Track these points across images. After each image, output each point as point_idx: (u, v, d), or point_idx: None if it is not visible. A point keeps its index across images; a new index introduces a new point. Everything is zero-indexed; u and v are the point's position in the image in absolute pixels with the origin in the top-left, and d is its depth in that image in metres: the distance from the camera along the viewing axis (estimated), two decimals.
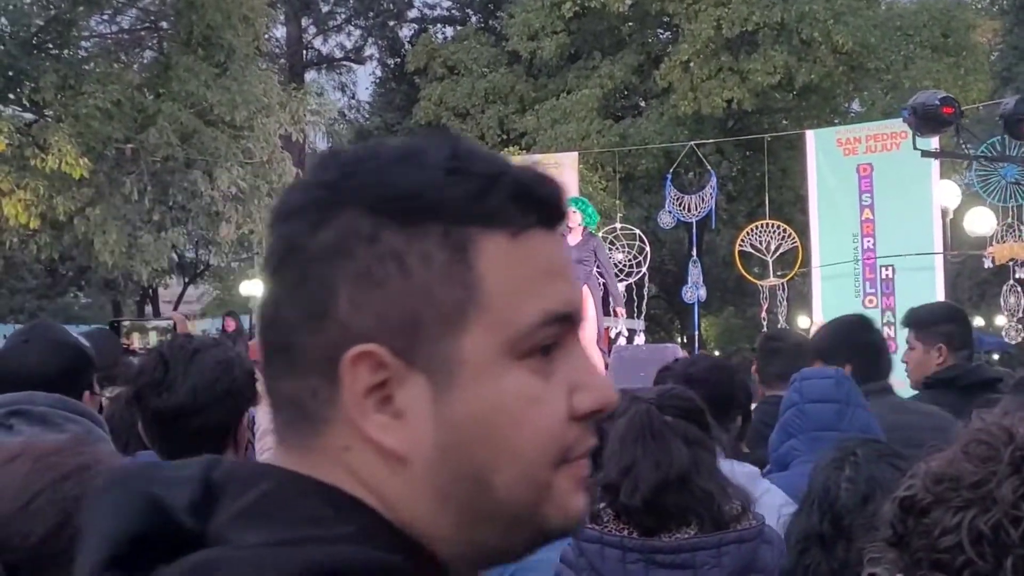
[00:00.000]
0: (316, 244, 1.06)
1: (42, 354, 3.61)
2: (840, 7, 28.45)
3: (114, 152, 22.57)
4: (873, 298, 14.97)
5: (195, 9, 23.89)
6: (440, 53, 33.84)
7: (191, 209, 24.10)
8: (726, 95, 28.58)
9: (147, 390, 3.01)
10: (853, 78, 30.54)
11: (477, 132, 30.95)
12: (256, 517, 1.02)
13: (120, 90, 22.61)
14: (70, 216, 22.75)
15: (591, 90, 30.21)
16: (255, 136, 24.16)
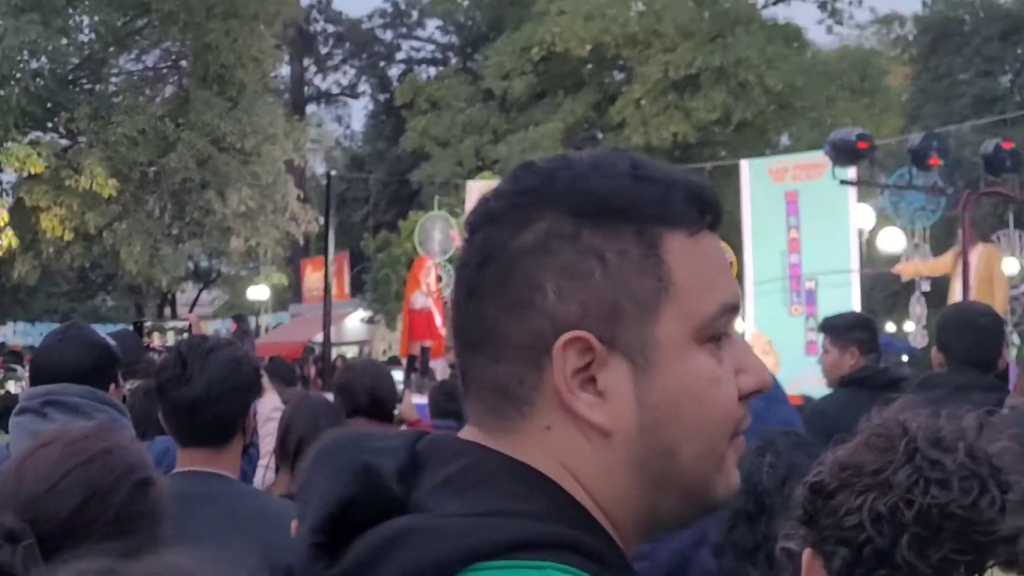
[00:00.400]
0: (519, 244, 1.05)
1: (75, 352, 3.60)
2: (771, 54, 28.56)
3: (139, 174, 22.47)
4: (798, 307, 15.02)
5: (211, 50, 23.82)
6: (424, 90, 33.76)
7: (205, 225, 23.99)
8: (672, 129, 28.67)
9: (167, 384, 3.01)
10: (783, 116, 30.61)
11: (456, 159, 30.87)
12: (455, 489, 1.02)
13: (145, 120, 22.53)
14: (100, 230, 22.63)
15: (555, 124, 30.20)
16: (262, 161, 24.05)
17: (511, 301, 1.05)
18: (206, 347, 3.05)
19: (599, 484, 1.05)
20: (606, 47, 29.40)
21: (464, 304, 1.10)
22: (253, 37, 24.29)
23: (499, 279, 1.06)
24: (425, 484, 1.03)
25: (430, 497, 1.01)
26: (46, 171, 21.59)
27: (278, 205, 24.84)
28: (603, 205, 1.05)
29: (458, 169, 30.00)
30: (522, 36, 30.42)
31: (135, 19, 24.46)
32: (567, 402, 1.04)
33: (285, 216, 25.19)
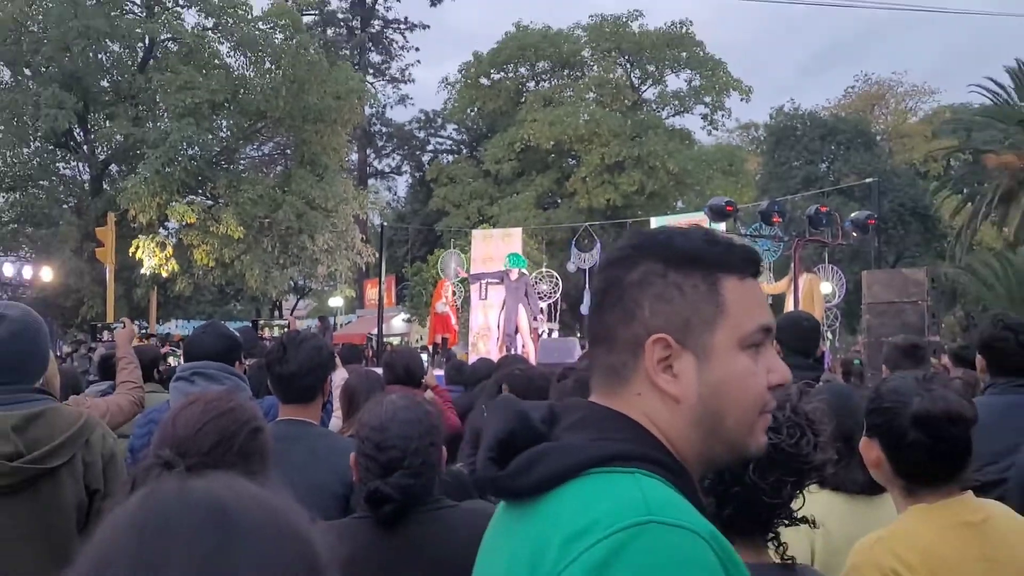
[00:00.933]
0: (629, 278, 1.11)
1: (213, 340, 3.59)
2: (671, 148, 28.70)
3: (258, 224, 22.47)
4: None
5: (306, 144, 23.90)
6: (445, 170, 33.80)
7: (301, 257, 23.98)
8: (606, 197, 28.71)
9: (273, 362, 3.00)
10: (679, 188, 30.68)
11: (466, 215, 30.86)
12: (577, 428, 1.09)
13: (262, 188, 22.55)
14: (232, 260, 22.62)
15: (530, 193, 30.22)
16: (339, 216, 24.08)
17: (623, 314, 1.11)
18: (299, 338, 3.05)
19: (671, 431, 1.09)
20: (564, 143, 29.48)
21: (594, 315, 1.16)
22: (334, 135, 24.40)
23: (615, 300, 1.12)
24: (559, 426, 1.11)
25: (562, 433, 1.09)
26: (197, 221, 21.59)
27: (348, 245, 24.85)
28: (684, 257, 1.11)
29: (467, 222, 30.02)
30: (508, 135, 30.49)
31: (256, 122, 24.48)
32: (653, 379, 1.09)
33: (353, 252, 25.18)
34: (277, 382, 3.02)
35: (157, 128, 22.11)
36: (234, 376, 3.51)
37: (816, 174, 35.84)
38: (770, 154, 38.83)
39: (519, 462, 1.06)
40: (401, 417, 2.17)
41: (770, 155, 38.81)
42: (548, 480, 1.03)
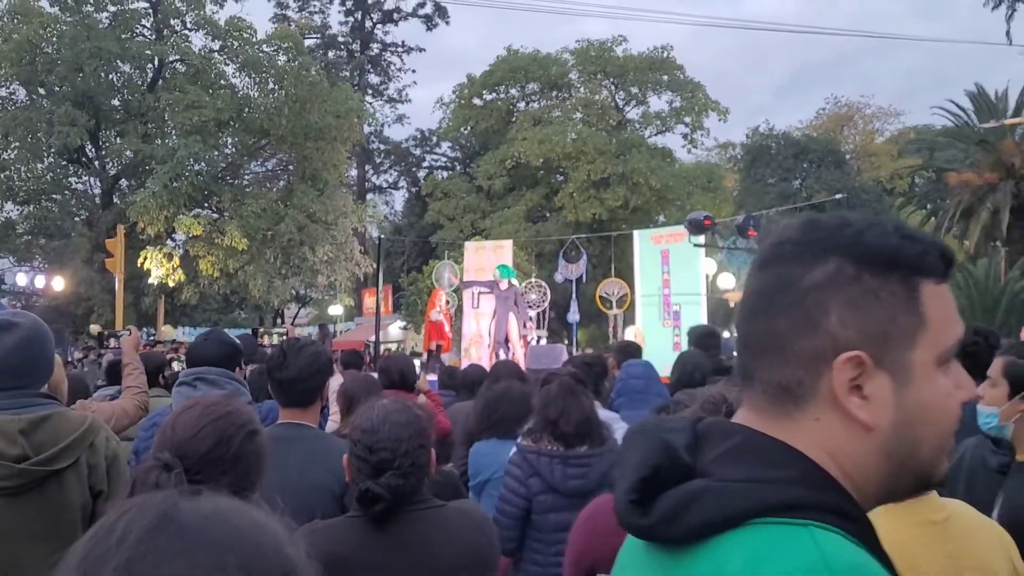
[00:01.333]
0: (810, 279, 0.91)
1: (214, 346, 3.58)
2: (653, 165, 28.74)
3: (261, 236, 22.43)
4: (668, 321, 15.00)
5: (307, 160, 23.91)
6: (440, 185, 33.79)
7: (302, 268, 23.96)
8: (592, 211, 28.75)
9: (274, 368, 2.98)
10: (661, 204, 30.73)
11: (459, 228, 30.84)
12: (732, 459, 0.90)
13: (265, 202, 22.51)
14: (236, 270, 22.58)
15: (520, 207, 30.27)
16: (338, 229, 24.10)
17: (801, 322, 0.91)
18: (298, 345, 3.02)
19: (854, 465, 0.91)
20: (552, 160, 29.50)
21: (752, 320, 0.95)
22: (334, 152, 24.38)
23: (790, 304, 0.92)
24: (707, 455, 0.91)
25: (713, 465, 0.90)
26: (203, 233, 21.52)
27: (348, 256, 24.83)
28: (879, 255, 0.91)
29: (460, 235, 30.00)
30: (500, 152, 30.51)
31: (259, 140, 24.46)
32: (842, 403, 0.90)
33: (352, 263, 25.14)
34: (277, 387, 3.00)
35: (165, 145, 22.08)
36: (234, 381, 3.49)
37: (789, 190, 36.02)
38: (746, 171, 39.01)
39: (668, 506, 0.87)
40: (392, 420, 2.16)
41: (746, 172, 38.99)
42: (704, 528, 0.85)
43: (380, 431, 2.14)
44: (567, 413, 3.17)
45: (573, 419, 3.15)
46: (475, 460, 3.98)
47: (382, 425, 2.15)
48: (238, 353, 3.68)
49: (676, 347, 14.19)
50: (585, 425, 3.17)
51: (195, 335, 24.47)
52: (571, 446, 3.18)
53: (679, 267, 14.86)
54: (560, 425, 3.18)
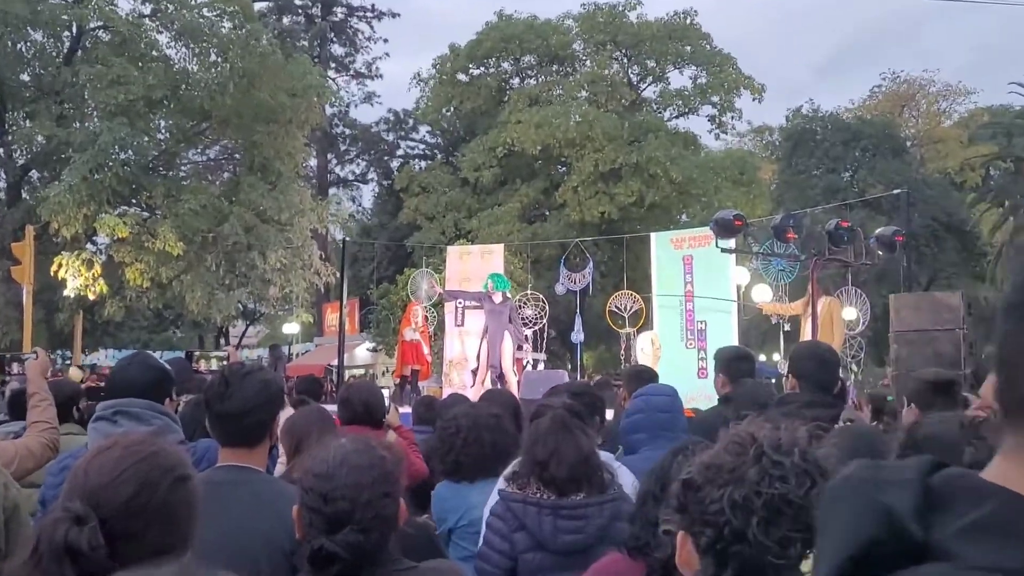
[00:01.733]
0: None
1: (139, 373, 3.57)
2: (674, 154, 28.84)
3: (200, 239, 22.36)
4: (692, 342, 15.02)
5: (256, 146, 23.85)
6: (417, 178, 33.86)
7: (250, 277, 23.87)
8: (600, 209, 28.85)
9: (213, 399, 2.95)
10: (682, 200, 30.84)
11: (440, 229, 30.91)
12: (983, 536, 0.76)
13: (205, 198, 22.46)
14: (170, 280, 22.53)
15: (513, 204, 30.35)
16: (294, 230, 24.03)
17: None
18: (244, 371, 3.01)
19: None
20: (552, 147, 29.58)
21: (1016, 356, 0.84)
22: (288, 137, 24.36)
23: None
24: (947, 526, 0.78)
25: (955, 542, 0.77)
26: (130, 235, 21.44)
27: (305, 263, 24.80)
28: None
29: (441, 237, 30.01)
30: (490, 139, 30.60)
31: (199, 123, 24.44)
32: None
33: (310, 271, 25.11)
34: (217, 422, 2.97)
35: (85, 129, 22.00)
36: (163, 415, 3.48)
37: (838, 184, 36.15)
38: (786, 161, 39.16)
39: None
40: (351, 463, 2.15)
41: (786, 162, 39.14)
42: None
43: (336, 476, 2.13)
44: (559, 453, 3.15)
45: (567, 460, 3.13)
46: (436, 505, 3.99)
47: (339, 469, 2.14)
48: (168, 381, 3.67)
49: (702, 373, 14.22)
50: (581, 468, 3.15)
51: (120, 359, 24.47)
52: (564, 493, 3.16)
53: (705, 276, 14.88)
54: (551, 468, 3.16)
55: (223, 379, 2.97)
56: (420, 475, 5.32)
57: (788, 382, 4.53)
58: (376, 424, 4.92)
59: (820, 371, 4.31)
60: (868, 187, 35.10)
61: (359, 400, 4.94)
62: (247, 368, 3.05)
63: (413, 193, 33.17)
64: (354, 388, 5.20)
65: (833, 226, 10.80)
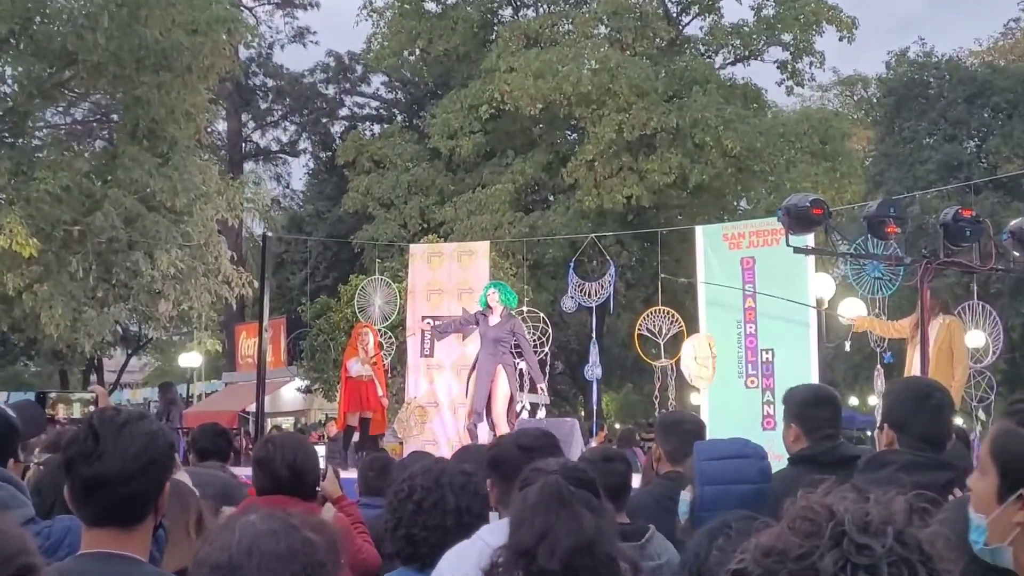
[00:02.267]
0: None
1: None
2: (729, 115, 28.81)
3: (62, 233, 22.30)
4: (754, 379, 14.99)
5: (141, 104, 23.77)
6: (368, 148, 33.85)
7: (132, 287, 23.83)
8: (626, 192, 28.82)
9: (77, 459, 2.93)
10: (741, 179, 30.86)
11: (400, 220, 30.93)
12: None
13: (69, 176, 22.38)
14: (19, 292, 22.43)
15: (504, 185, 30.33)
16: (193, 221, 23.99)
17: None
18: (120, 420, 2.98)
19: None
20: (557, 106, 29.59)
21: None
22: (186, 91, 24.25)
23: None
24: None
25: None
26: None
27: (210, 267, 24.74)
28: None
29: (402, 231, 30.02)
30: (470, 93, 30.61)
31: (61, 71, 24.36)
32: None
33: (218, 279, 25.06)
34: (83, 492, 2.96)
35: None
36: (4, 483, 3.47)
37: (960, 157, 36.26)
38: (887, 125, 39.24)
39: None
40: (264, 550, 2.14)
41: (887, 127, 39.23)
42: None
43: (244, 569, 2.12)
44: (552, 538, 3.13)
45: (562, 548, 3.12)
46: None
47: (247, 559, 2.13)
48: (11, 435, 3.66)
49: (768, 423, 14.22)
50: (582, 557, 3.13)
51: None
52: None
53: (771, 286, 14.88)
54: (539, 559, 3.14)
55: (91, 431, 2.96)
56: (370, 566, 5.32)
57: (882, 436, 4.54)
58: (307, 495, 4.92)
59: (927, 419, 4.30)
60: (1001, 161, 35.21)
61: (283, 461, 4.94)
62: (124, 416, 3.03)
63: (362, 170, 33.16)
64: (276, 445, 5.18)
65: (951, 216, 10.79)
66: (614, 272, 19.25)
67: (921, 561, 1.62)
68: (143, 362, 48.88)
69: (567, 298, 19.24)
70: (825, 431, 5.32)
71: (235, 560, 2.13)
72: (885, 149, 38.70)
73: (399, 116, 39.49)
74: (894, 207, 10.79)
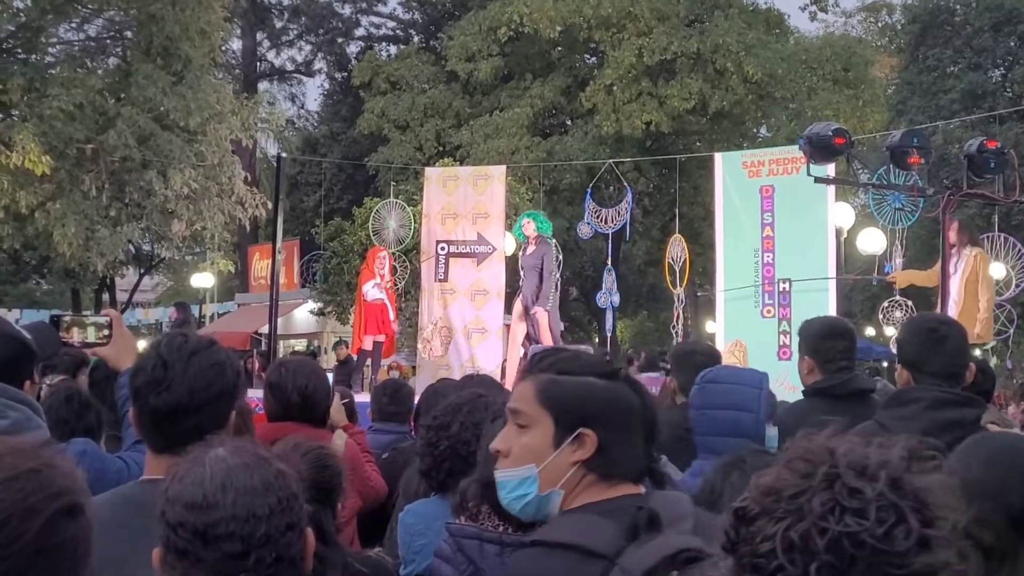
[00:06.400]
0: None
1: None
2: (751, 40, 28.70)
3: (75, 151, 22.33)
4: (771, 308, 15.00)
5: (155, 21, 23.71)
6: (384, 69, 33.78)
7: (146, 206, 23.88)
8: (645, 118, 28.77)
9: (145, 388, 2.93)
10: (761, 106, 30.78)
11: (416, 143, 30.90)
12: None
13: (83, 94, 22.38)
14: (32, 210, 22.51)
15: (522, 109, 30.28)
16: (207, 140, 23.99)
17: None
18: (189, 349, 2.97)
19: None
20: (577, 29, 29.47)
21: None
22: (201, 8, 24.19)
23: None
24: None
25: None
26: None
27: (224, 188, 24.77)
28: None
29: (417, 154, 29.98)
30: (489, 15, 30.44)
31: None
32: None
33: (232, 199, 25.10)
34: (151, 421, 2.96)
35: None
36: (22, 403, 3.47)
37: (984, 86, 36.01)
38: (911, 53, 38.97)
39: None
40: (238, 485, 2.12)
41: (911, 54, 38.95)
42: None
43: (218, 506, 2.09)
44: None
45: None
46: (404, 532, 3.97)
47: (221, 495, 2.10)
48: (27, 356, 3.66)
49: (783, 353, 14.23)
50: None
51: None
52: (527, 525, 3.14)
53: (791, 215, 14.84)
54: None
55: (159, 360, 2.95)
56: (379, 494, 5.33)
57: (900, 374, 4.53)
58: (317, 422, 4.92)
59: (938, 356, 4.30)
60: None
61: (295, 387, 4.93)
62: (192, 345, 3.02)
63: (378, 91, 33.09)
64: (288, 370, 5.17)
65: (975, 147, 10.71)
66: (631, 199, 19.19)
67: (914, 508, 1.60)
68: (155, 281, 49.06)
69: (583, 224, 19.24)
70: (839, 363, 5.33)
71: (210, 497, 2.11)
72: (908, 77, 38.48)
73: (416, 37, 39.32)
74: (917, 137, 10.72)
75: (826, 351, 5.32)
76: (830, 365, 5.21)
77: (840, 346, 5.38)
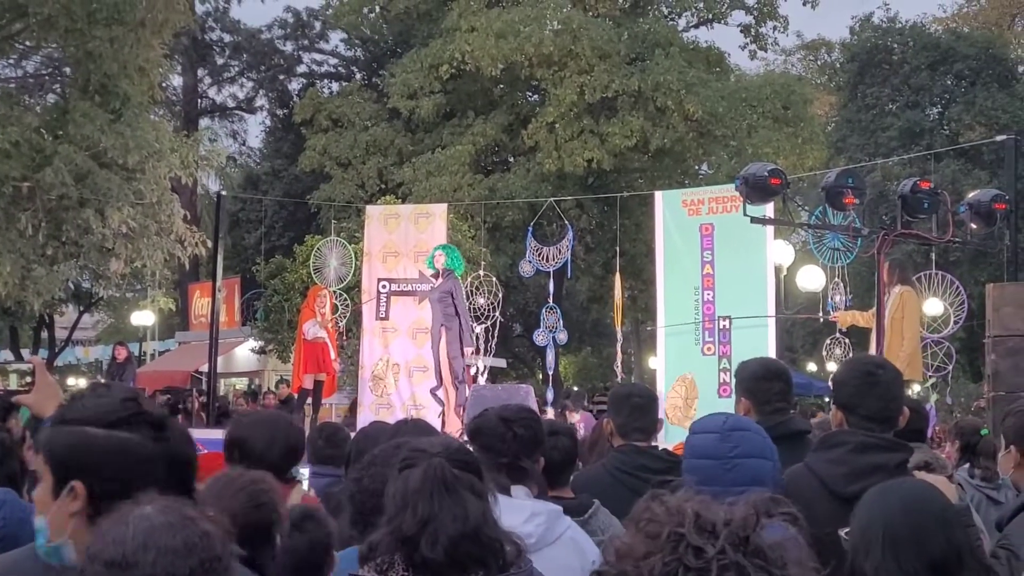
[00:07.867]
0: None
1: None
2: (692, 79, 28.88)
3: (11, 189, 22.11)
4: (711, 345, 15.07)
5: (93, 59, 23.55)
6: (326, 106, 33.70)
7: (83, 245, 23.64)
8: (586, 155, 28.86)
9: None
10: (702, 143, 30.96)
11: (358, 181, 30.83)
12: None
13: (19, 131, 22.17)
14: None
15: (464, 146, 30.28)
16: (146, 179, 23.81)
17: None
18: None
19: None
20: (519, 67, 29.53)
21: None
22: (140, 45, 24.06)
23: None
24: None
25: None
26: None
27: (163, 226, 24.58)
28: None
29: (359, 192, 29.91)
30: (430, 53, 30.46)
31: (11, 23, 24.11)
32: None
33: (171, 238, 24.91)
34: None
35: None
36: None
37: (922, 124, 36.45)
38: (850, 91, 39.38)
39: None
40: (160, 544, 2.11)
41: (850, 93, 39.36)
42: None
43: (138, 563, 2.08)
44: (435, 525, 3.08)
45: (445, 535, 3.07)
46: None
47: (142, 554, 2.10)
48: None
49: (723, 391, 14.30)
50: (467, 544, 3.08)
51: None
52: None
53: (731, 253, 14.95)
54: (422, 547, 3.09)
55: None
56: None
57: (834, 415, 4.57)
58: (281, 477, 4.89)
59: (873, 399, 4.33)
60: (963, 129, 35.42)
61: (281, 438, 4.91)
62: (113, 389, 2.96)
63: (320, 128, 33.00)
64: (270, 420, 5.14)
65: (909, 188, 10.82)
66: (572, 236, 19.25)
67: (759, 566, 1.61)
68: (95, 319, 48.56)
69: (525, 262, 19.26)
70: (775, 405, 5.35)
71: (129, 556, 2.10)
72: (847, 115, 38.86)
73: (358, 74, 39.28)
74: (852, 177, 10.82)
75: (762, 393, 5.34)
76: (766, 407, 5.23)
77: (776, 388, 5.40)
